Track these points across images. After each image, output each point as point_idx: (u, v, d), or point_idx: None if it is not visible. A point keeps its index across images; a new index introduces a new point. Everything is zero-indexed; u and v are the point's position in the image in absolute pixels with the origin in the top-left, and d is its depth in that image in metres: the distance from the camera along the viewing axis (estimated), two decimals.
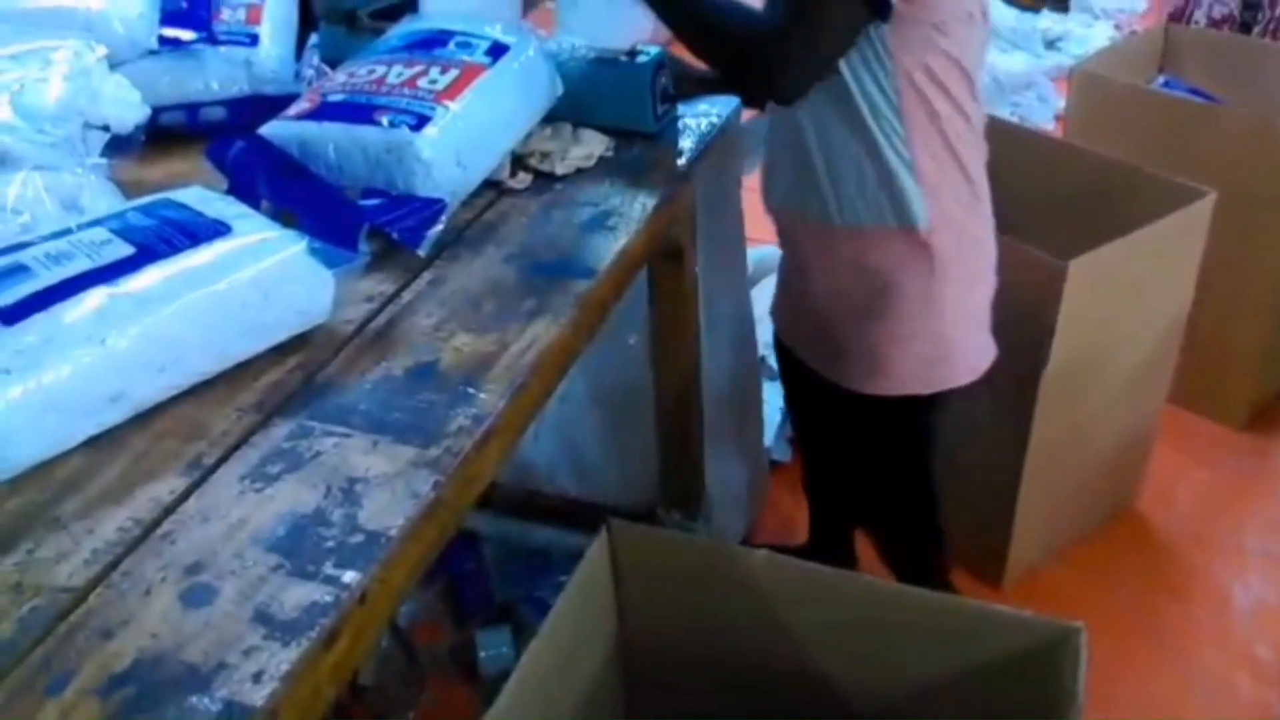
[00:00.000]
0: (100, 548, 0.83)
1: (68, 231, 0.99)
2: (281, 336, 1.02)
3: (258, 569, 0.81)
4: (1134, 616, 1.92)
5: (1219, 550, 2.06)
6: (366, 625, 0.83)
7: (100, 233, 0.98)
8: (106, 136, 1.19)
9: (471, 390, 0.98)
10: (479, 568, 1.87)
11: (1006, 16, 4.11)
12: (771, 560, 1.19)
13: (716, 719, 1.22)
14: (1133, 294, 1.80)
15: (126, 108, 1.20)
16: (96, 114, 1.16)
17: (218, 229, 1.00)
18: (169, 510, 0.86)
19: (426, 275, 1.15)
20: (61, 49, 1.17)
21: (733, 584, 1.17)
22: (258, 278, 0.98)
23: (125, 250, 0.96)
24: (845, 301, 1.35)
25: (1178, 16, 2.76)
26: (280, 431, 0.94)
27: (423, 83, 1.23)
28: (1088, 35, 4.05)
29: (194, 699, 0.71)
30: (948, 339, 1.35)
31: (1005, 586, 1.95)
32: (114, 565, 0.81)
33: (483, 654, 1.74)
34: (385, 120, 1.18)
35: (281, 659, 0.75)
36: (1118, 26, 4.16)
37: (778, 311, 1.57)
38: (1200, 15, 2.73)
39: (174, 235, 0.98)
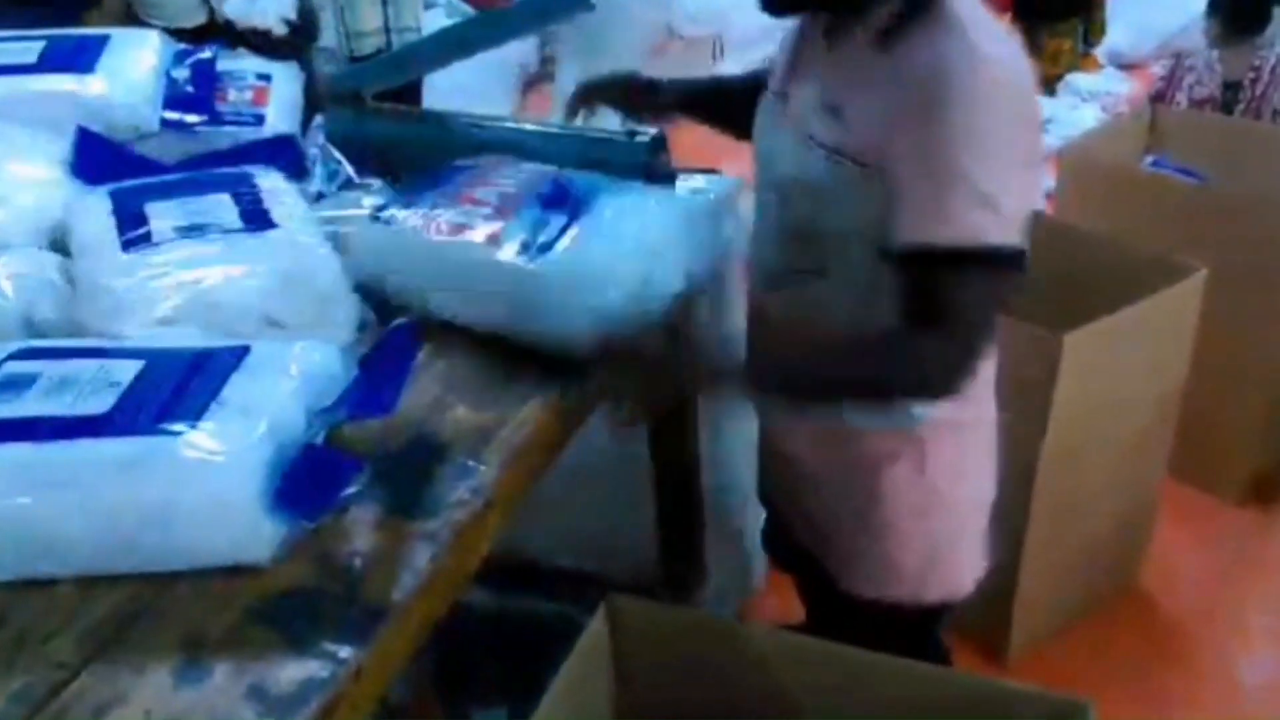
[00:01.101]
0: (92, 625, 0.82)
1: (113, 353, 0.94)
2: (197, 564, 0.87)
3: (253, 645, 0.80)
4: (1139, 693, 1.88)
5: (1224, 627, 2.04)
6: (361, 700, 0.82)
7: (126, 369, 0.92)
8: None
9: (471, 463, 0.98)
10: (473, 642, 1.84)
11: None
12: (773, 634, 1.17)
13: None
14: (1128, 368, 1.81)
15: None
16: None
17: (200, 406, 0.88)
18: (165, 585, 0.85)
19: (425, 349, 1.15)
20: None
21: (734, 659, 1.15)
22: (170, 508, 0.84)
23: (103, 405, 0.88)
24: (839, 497, 1.21)
25: (1159, 98, 2.82)
26: None
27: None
28: (1075, 117, 4.13)
29: None
30: (947, 537, 1.22)
31: (1009, 662, 1.92)
32: (107, 642, 0.80)
33: None
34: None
35: None
36: (1104, 108, 4.24)
37: (765, 475, 1.36)
38: (1181, 97, 2.79)
39: (160, 403, 0.89)
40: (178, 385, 0.91)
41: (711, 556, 1.78)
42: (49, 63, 1.39)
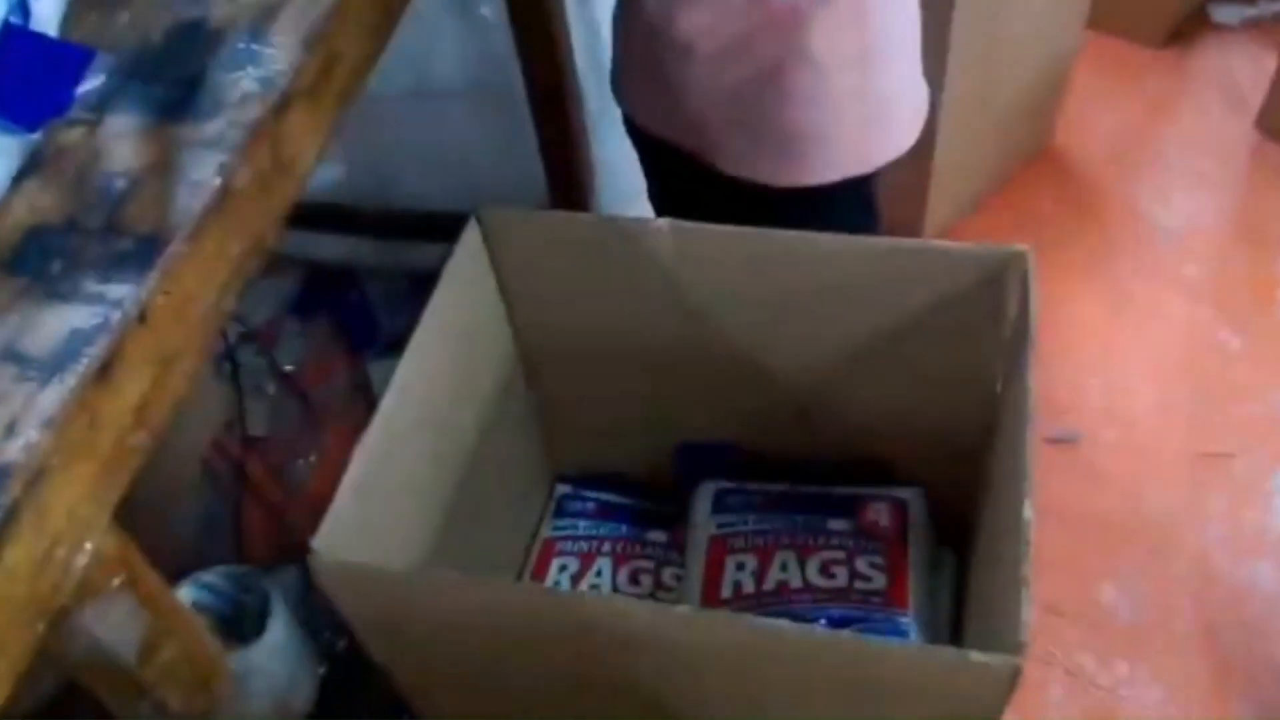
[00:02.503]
0: None
1: None
2: None
3: None
4: (1060, 250, 1.83)
5: (1142, 174, 1.97)
6: (166, 351, 0.65)
7: None
8: None
9: (255, 47, 0.76)
10: (362, 299, 1.71)
11: None
12: (674, 227, 1.02)
13: (634, 406, 1.10)
14: None
15: None
16: None
17: None
18: None
19: None
20: None
21: (633, 258, 1.01)
22: None
23: None
24: (747, 66, 0.98)
25: None
26: None
27: None
28: None
29: None
30: (888, 87, 1.02)
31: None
32: None
33: (379, 387, 1.60)
34: None
35: (42, 403, 0.58)
36: None
37: (632, 92, 1.13)
38: None
39: None
40: None
41: (600, 163, 1.62)
42: None
